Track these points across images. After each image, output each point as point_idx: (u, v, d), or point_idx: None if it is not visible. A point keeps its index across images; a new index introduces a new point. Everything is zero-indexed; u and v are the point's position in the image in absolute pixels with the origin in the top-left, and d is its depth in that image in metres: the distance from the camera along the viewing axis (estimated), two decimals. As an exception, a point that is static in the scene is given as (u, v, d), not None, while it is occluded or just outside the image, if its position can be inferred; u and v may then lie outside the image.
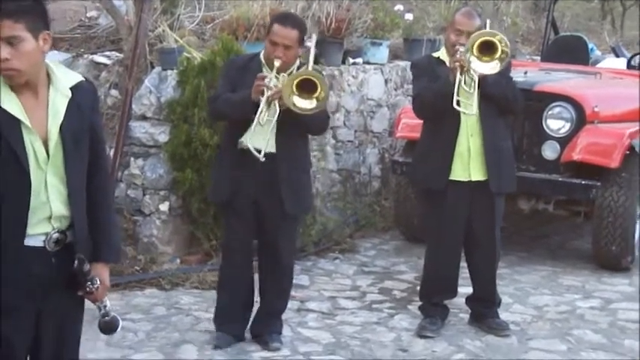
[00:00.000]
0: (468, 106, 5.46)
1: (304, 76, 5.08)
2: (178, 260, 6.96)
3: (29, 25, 3.13)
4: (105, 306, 3.44)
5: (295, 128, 5.27)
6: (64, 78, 3.29)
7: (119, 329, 3.52)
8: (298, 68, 5.27)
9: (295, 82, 5.05)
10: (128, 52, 7.33)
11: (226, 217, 5.53)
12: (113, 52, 7.77)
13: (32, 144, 3.17)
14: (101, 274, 3.41)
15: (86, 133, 3.33)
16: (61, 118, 3.22)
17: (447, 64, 5.57)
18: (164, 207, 6.97)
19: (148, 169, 7.03)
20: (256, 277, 5.62)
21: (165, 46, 7.22)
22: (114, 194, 6.71)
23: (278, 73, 5.17)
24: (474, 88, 5.48)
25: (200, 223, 6.94)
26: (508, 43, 5.40)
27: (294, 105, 5.07)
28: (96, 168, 3.40)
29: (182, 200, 7.02)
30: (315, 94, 5.08)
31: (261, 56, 5.33)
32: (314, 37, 5.53)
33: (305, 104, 5.09)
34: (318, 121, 5.32)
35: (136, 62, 7.17)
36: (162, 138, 7.02)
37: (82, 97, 3.31)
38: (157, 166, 7.02)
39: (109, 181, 3.61)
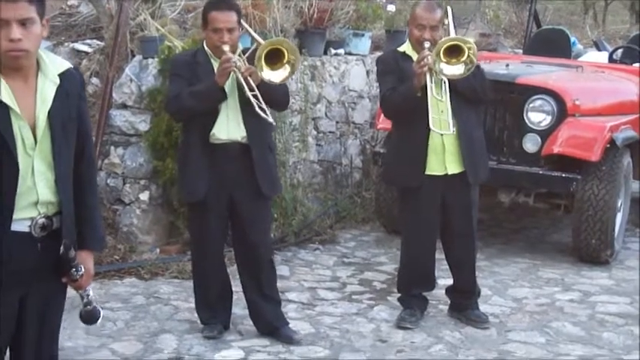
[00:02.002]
0: (444, 124, 5.44)
1: (270, 47, 5.09)
2: (158, 250, 6.94)
3: (38, 9, 3.15)
4: (88, 295, 3.44)
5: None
6: (53, 65, 3.29)
7: (100, 320, 3.51)
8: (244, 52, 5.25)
9: (264, 54, 5.05)
10: (109, 40, 7.29)
11: (200, 213, 5.38)
12: (94, 41, 7.73)
13: (20, 130, 3.17)
14: (86, 262, 3.40)
15: (74, 119, 3.34)
16: (49, 105, 3.22)
17: (413, 59, 5.52)
18: (144, 196, 6.95)
19: (128, 157, 7.00)
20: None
21: (146, 34, 7.19)
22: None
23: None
24: (445, 93, 5.44)
25: (180, 212, 6.91)
26: (475, 47, 5.36)
27: (269, 78, 5.08)
28: (82, 155, 3.41)
29: (162, 190, 7.00)
30: (285, 60, 5.09)
31: (205, 48, 5.30)
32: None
33: (279, 74, 5.10)
34: (281, 95, 5.31)
35: (117, 50, 7.13)
36: (143, 127, 6.99)
37: (70, 84, 3.31)
38: (137, 155, 6.99)
39: (94, 169, 3.61)
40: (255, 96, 5.11)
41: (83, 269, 3.34)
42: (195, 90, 5.17)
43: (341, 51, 8.60)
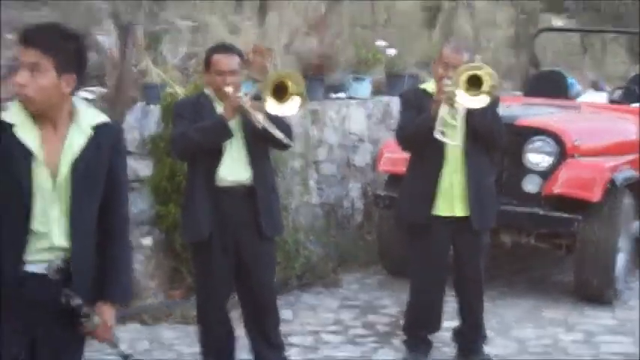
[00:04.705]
0: (451, 136, 5.50)
1: (277, 80, 5.17)
2: (161, 295, 6.94)
3: (56, 61, 3.19)
4: (115, 347, 3.44)
5: (264, 148, 5.33)
6: (87, 116, 3.34)
7: None
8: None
9: (272, 89, 5.11)
10: (111, 87, 7.36)
11: (204, 255, 5.37)
12: (97, 87, 7.78)
13: (40, 176, 3.23)
14: (104, 313, 3.41)
15: (103, 172, 3.37)
16: (77, 154, 3.27)
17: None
18: (147, 241, 6.96)
19: (131, 203, 7.01)
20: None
21: (148, 81, 7.25)
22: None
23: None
24: (458, 121, 5.52)
25: (183, 258, 6.92)
26: (496, 76, 5.43)
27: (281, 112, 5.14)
28: (112, 207, 3.43)
29: (165, 235, 7.01)
30: (290, 92, 5.15)
31: (207, 92, 5.36)
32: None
33: (288, 107, 5.16)
34: (284, 131, 5.30)
35: (120, 97, 7.19)
36: (145, 172, 7.03)
37: (104, 137, 3.35)
38: (139, 200, 7.02)
39: (124, 222, 3.57)
40: (265, 128, 5.14)
41: (97, 320, 3.35)
42: (202, 126, 5.20)
43: (342, 95, 8.67)
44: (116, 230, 3.48)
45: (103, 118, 3.40)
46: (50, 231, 3.26)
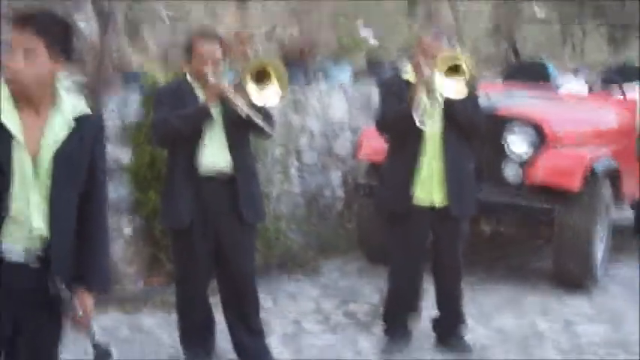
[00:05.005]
0: (429, 123, 5.51)
1: (258, 66, 5.19)
2: (141, 282, 6.93)
3: (48, 43, 3.19)
4: (93, 336, 3.39)
5: (245, 136, 5.33)
6: (70, 106, 3.33)
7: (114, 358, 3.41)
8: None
9: (253, 75, 5.12)
10: (92, 74, 7.31)
11: (184, 242, 5.37)
12: (77, 75, 7.74)
13: (21, 160, 3.21)
14: (84, 301, 3.40)
15: (84, 162, 3.36)
16: (59, 144, 3.26)
17: None
18: (127, 228, 6.95)
19: (111, 190, 6.98)
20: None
21: (128, 68, 7.22)
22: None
23: None
24: (437, 107, 5.53)
25: (162, 244, 6.91)
26: (473, 64, 5.46)
27: (264, 103, 5.15)
28: (91, 196, 3.42)
29: (145, 222, 7.00)
30: (271, 78, 5.18)
31: (189, 79, 5.35)
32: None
33: (270, 93, 5.16)
34: (266, 119, 5.29)
35: (100, 85, 7.15)
36: (125, 159, 7.01)
37: (86, 128, 3.35)
38: (119, 187, 7.00)
39: (103, 211, 3.56)
40: (248, 115, 5.13)
41: (79, 308, 3.35)
42: (183, 112, 5.20)
43: (322, 82, 8.65)
44: (95, 218, 3.47)
45: (84, 108, 3.38)
46: (29, 216, 3.25)
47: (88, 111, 3.38)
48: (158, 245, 6.98)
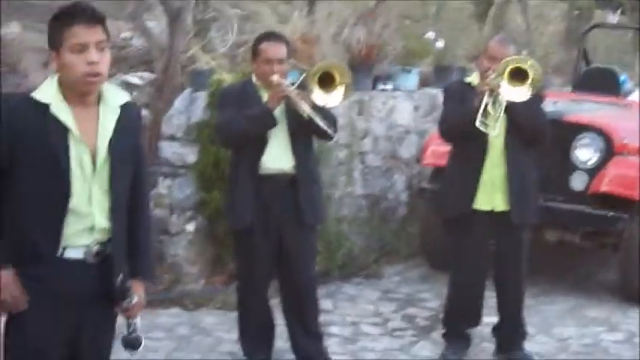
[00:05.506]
0: (491, 127, 5.46)
1: (324, 70, 5.19)
2: (203, 281, 6.99)
3: (107, 35, 3.23)
4: (135, 323, 3.46)
5: (308, 138, 5.35)
6: (114, 96, 3.36)
7: (141, 348, 3.51)
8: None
9: (318, 78, 5.13)
10: (160, 73, 7.40)
11: (246, 242, 5.40)
12: (145, 73, 7.85)
13: (80, 155, 3.23)
14: (137, 290, 3.44)
15: (131, 151, 3.40)
16: (110, 134, 3.28)
17: None
18: (190, 227, 7.01)
19: (176, 189, 7.07)
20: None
21: (196, 67, 7.29)
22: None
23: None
24: (500, 112, 5.48)
25: (225, 244, 6.95)
26: (540, 69, 5.40)
27: (326, 103, 5.18)
28: (138, 186, 3.46)
29: (208, 221, 7.05)
30: (337, 83, 5.18)
31: (254, 80, 5.37)
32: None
33: (334, 97, 5.19)
34: (329, 122, 5.29)
35: (167, 83, 7.24)
36: (191, 159, 7.07)
37: (129, 116, 3.38)
38: (184, 186, 7.06)
39: (148, 201, 3.65)
40: (311, 117, 5.14)
41: (136, 298, 3.39)
42: (247, 114, 5.22)
43: (389, 86, 8.64)
44: (141, 207, 3.51)
45: (126, 97, 3.41)
46: (91, 211, 3.26)
47: (128, 98, 3.41)
48: (221, 245, 7.02)
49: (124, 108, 3.35)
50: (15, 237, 3.22)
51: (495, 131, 5.47)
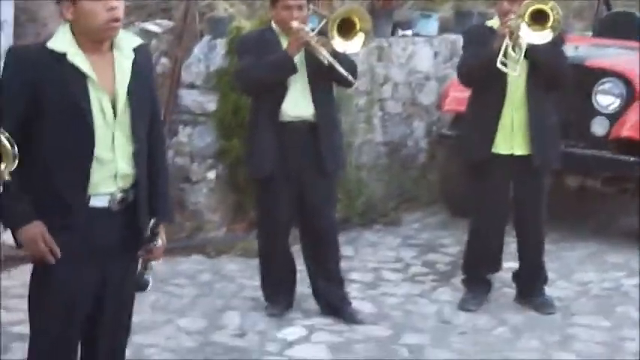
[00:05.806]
0: (512, 68, 5.43)
1: (344, 16, 5.17)
2: (224, 228, 7.02)
3: None
4: (152, 265, 3.48)
5: (328, 85, 5.34)
6: (127, 40, 3.35)
7: (149, 288, 3.53)
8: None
9: (338, 25, 5.11)
10: (178, 20, 7.38)
11: (267, 190, 5.43)
12: (164, 21, 7.82)
13: (100, 101, 3.23)
14: (160, 232, 3.46)
15: (148, 93, 3.40)
16: (128, 79, 3.28)
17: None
18: (211, 175, 7.04)
19: (196, 137, 7.08)
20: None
21: (215, 14, 7.26)
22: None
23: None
24: (521, 54, 5.44)
25: (247, 192, 6.97)
26: (560, 11, 5.36)
27: (345, 50, 5.16)
28: (153, 130, 3.46)
29: (229, 169, 7.07)
30: (357, 29, 5.16)
31: (273, 27, 5.34)
32: None
33: (354, 44, 5.17)
34: (349, 68, 5.27)
35: (186, 31, 7.22)
36: (211, 106, 7.08)
37: (142, 59, 3.37)
38: (205, 134, 7.07)
39: (164, 144, 3.67)
40: (331, 64, 5.12)
41: (159, 241, 3.41)
42: (266, 61, 5.21)
43: (408, 32, 8.58)
44: (158, 151, 3.51)
45: (138, 40, 3.41)
46: (114, 158, 3.27)
47: (140, 41, 3.41)
48: (242, 192, 7.04)
49: (137, 52, 3.35)
50: (42, 190, 3.22)
51: (516, 72, 5.44)
